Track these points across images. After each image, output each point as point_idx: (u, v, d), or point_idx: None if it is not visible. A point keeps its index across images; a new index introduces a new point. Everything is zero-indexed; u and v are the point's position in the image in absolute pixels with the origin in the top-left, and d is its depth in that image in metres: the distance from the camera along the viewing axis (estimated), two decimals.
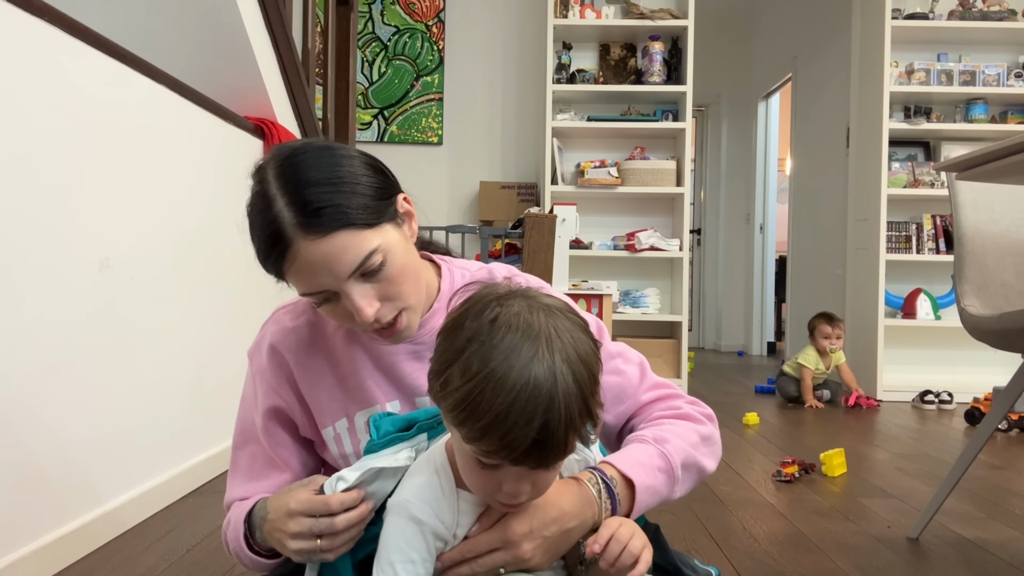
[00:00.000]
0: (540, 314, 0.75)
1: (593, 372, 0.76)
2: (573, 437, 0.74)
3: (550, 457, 0.74)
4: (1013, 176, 1.58)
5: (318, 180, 0.86)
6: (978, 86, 4.10)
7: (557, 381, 0.71)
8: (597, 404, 0.76)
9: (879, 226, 4.06)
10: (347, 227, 0.86)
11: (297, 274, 0.88)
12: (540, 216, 3.02)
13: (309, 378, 1.02)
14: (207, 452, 2.17)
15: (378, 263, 0.88)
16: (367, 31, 4.87)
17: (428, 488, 0.83)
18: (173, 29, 2.37)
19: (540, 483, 0.79)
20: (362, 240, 0.87)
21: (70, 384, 1.54)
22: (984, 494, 2.17)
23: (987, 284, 1.76)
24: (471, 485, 0.81)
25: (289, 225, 0.85)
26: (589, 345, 0.76)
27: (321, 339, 1.03)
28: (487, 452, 0.73)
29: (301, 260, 0.86)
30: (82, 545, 1.56)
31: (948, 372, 4.14)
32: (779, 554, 1.64)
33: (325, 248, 0.85)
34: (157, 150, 1.92)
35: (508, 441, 0.71)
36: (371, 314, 0.88)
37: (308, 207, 0.85)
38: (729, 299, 6.94)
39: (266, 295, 1.13)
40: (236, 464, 1.07)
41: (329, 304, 0.91)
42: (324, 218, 0.85)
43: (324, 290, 0.89)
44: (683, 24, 4.20)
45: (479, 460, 0.75)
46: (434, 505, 0.82)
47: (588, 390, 0.74)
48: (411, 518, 0.81)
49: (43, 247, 1.46)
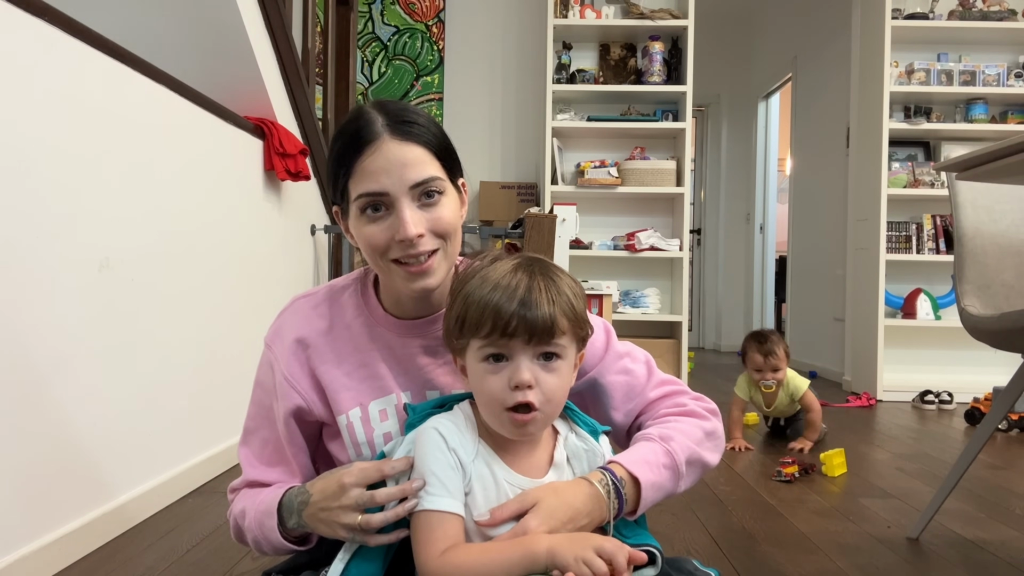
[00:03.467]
0: (519, 258, 0.93)
1: (574, 282, 0.93)
2: (558, 309, 0.88)
3: (539, 328, 0.86)
4: (1013, 176, 1.58)
5: (416, 111, 0.99)
6: (978, 86, 4.10)
7: (535, 271, 0.90)
8: (578, 297, 0.91)
9: (879, 226, 4.06)
10: (427, 147, 0.97)
11: (367, 171, 0.95)
12: (540, 216, 3.02)
13: (327, 366, 1.04)
14: (207, 452, 2.17)
15: (437, 192, 0.97)
16: (367, 31, 4.87)
17: (452, 423, 0.93)
18: (173, 29, 2.37)
19: (545, 384, 0.88)
20: (433, 165, 0.97)
21: (70, 384, 1.54)
22: (984, 494, 2.17)
23: (987, 284, 1.76)
24: (486, 398, 0.89)
25: (380, 125, 0.96)
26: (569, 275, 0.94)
27: (340, 328, 1.06)
28: (487, 336, 0.87)
29: (378, 156, 0.94)
30: (82, 545, 1.56)
31: (948, 372, 4.13)
32: (779, 554, 1.64)
33: (403, 152, 0.95)
34: (157, 150, 1.92)
35: (497, 312, 0.86)
36: (414, 231, 0.94)
37: (401, 118, 0.97)
38: (729, 299, 6.94)
39: (266, 295, 1.14)
40: (248, 446, 1.10)
41: (377, 216, 0.96)
42: (412, 129, 0.96)
43: (384, 193, 0.95)
44: (683, 24, 4.20)
45: (485, 359, 0.88)
46: (457, 435, 0.91)
47: (564, 282, 0.91)
48: (439, 434, 0.90)
49: (43, 247, 1.46)
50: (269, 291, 2.68)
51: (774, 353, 2.71)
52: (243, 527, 1.05)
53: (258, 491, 1.05)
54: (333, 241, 3.43)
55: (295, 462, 1.06)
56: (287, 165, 2.65)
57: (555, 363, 0.90)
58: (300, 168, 2.70)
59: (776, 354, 2.71)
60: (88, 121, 1.61)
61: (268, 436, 1.07)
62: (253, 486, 1.08)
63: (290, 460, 1.06)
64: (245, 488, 1.08)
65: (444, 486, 0.88)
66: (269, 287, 2.68)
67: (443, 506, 0.87)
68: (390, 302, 1.06)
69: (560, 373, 0.90)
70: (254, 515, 1.02)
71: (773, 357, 2.71)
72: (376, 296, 1.08)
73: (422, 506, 0.87)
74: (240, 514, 1.05)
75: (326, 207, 3.39)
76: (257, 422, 1.09)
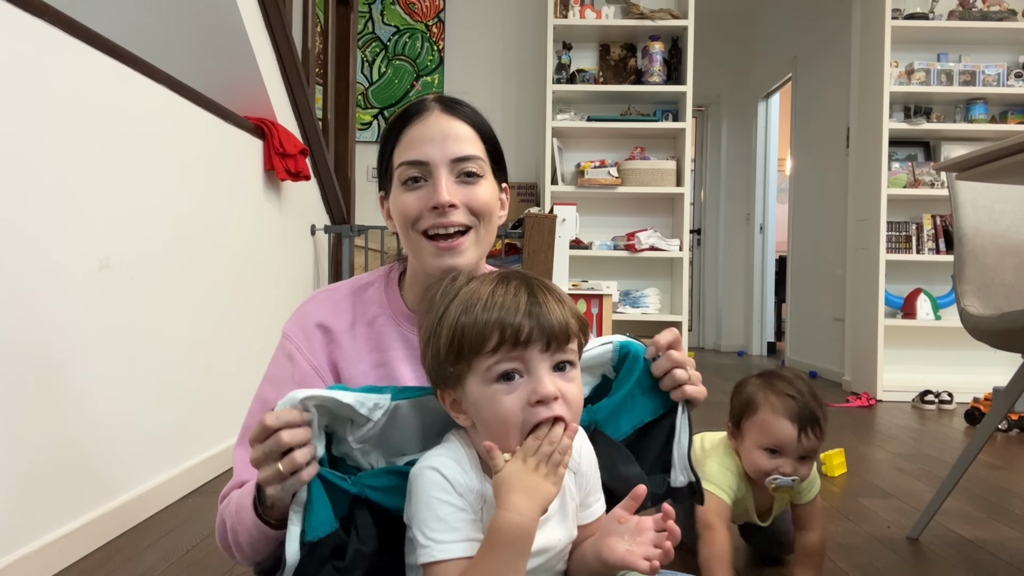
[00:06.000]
0: (499, 274, 0.86)
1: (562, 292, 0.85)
2: (567, 311, 0.81)
3: (555, 331, 0.79)
4: (1013, 176, 1.58)
5: (471, 106, 1.02)
6: (978, 86, 4.10)
7: (528, 280, 0.83)
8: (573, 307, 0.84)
9: (879, 226, 4.06)
10: (474, 128, 1.00)
11: (413, 138, 0.98)
12: (540, 216, 3.02)
13: (347, 359, 1.03)
14: (207, 452, 2.17)
15: (477, 173, 0.98)
16: (367, 31, 4.87)
17: (454, 461, 0.83)
18: (173, 29, 2.37)
19: (569, 394, 0.80)
20: (477, 146, 0.99)
21: (70, 384, 1.54)
22: (984, 494, 2.17)
23: (987, 284, 1.76)
24: (501, 427, 0.79)
25: (431, 100, 1.01)
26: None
27: (361, 325, 1.04)
28: (494, 351, 0.78)
29: (425, 126, 0.97)
30: (82, 545, 1.56)
31: (948, 372, 4.13)
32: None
33: (449, 125, 0.98)
34: (157, 150, 1.92)
35: (503, 322, 0.78)
36: (447, 197, 0.95)
37: (453, 99, 1.01)
38: (729, 299, 6.94)
39: (266, 294, 1.14)
40: (246, 447, 0.99)
41: (416, 187, 0.97)
42: (462, 108, 1.01)
43: (425, 162, 0.96)
44: (683, 24, 4.20)
45: (496, 380, 0.79)
46: (462, 477, 0.82)
47: (558, 289, 0.84)
48: (441, 476, 0.81)
49: (43, 247, 1.46)
50: (269, 291, 2.67)
51: (817, 426, 1.35)
52: (226, 522, 0.98)
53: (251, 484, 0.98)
54: (333, 241, 3.43)
55: None
56: (287, 165, 2.65)
57: (571, 372, 0.82)
58: (300, 168, 2.70)
59: (819, 426, 1.36)
60: (88, 121, 1.61)
61: None
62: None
63: None
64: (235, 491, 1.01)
65: (455, 530, 0.79)
66: (269, 287, 2.68)
67: (452, 554, 0.78)
68: (415, 300, 1.04)
69: (577, 383, 0.83)
70: (236, 502, 0.96)
71: (815, 432, 1.35)
72: (400, 294, 1.06)
73: (432, 557, 0.78)
74: (225, 508, 0.99)
75: (326, 207, 3.39)
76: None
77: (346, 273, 3.25)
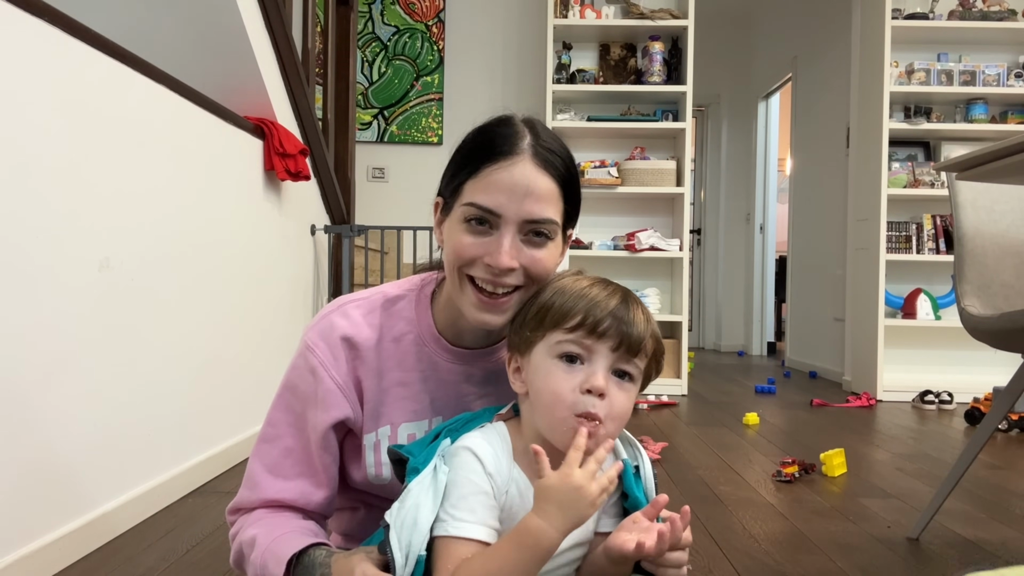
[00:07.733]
0: (598, 278, 0.91)
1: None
2: (651, 333, 0.86)
3: (631, 339, 0.83)
4: (1013, 176, 1.58)
5: (561, 143, 0.95)
6: (978, 86, 4.10)
7: (625, 290, 0.88)
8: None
9: (879, 226, 4.06)
10: (559, 186, 0.92)
11: (492, 182, 0.90)
12: None
13: (370, 375, 1.00)
14: (207, 452, 2.17)
15: (547, 235, 0.92)
16: (367, 31, 4.87)
17: (488, 443, 0.86)
18: (173, 29, 2.37)
19: (616, 400, 0.84)
20: (556, 208, 0.92)
21: (70, 384, 1.54)
22: (984, 494, 2.17)
23: (987, 284, 1.76)
24: (551, 397, 0.84)
25: (527, 143, 0.92)
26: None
27: (387, 341, 1.01)
28: (573, 329, 0.83)
29: (510, 173, 0.90)
30: (82, 545, 1.56)
31: (948, 372, 4.13)
32: (779, 554, 1.63)
33: (535, 180, 0.90)
34: (157, 150, 1.92)
35: (594, 305, 0.83)
36: (508, 262, 0.89)
37: (548, 146, 0.93)
38: (729, 299, 6.94)
39: (266, 295, 1.13)
40: (264, 458, 1.01)
41: (479, 230, 0.91)
42: (553, 162, 0.92)
43: (494, 211, 0.90)
44: (683, 24, 4.20)
45: (559, 357, 0.84)
46: (493, 459, 0.85)
47: (648, 312, 0.88)
48: (475, 456, 0.84)
49: (43, 247, 1.46)
50: (269, 291, 2.67)
51: None
52: (247, 558, 0.96)
53: (274, 521, 0.97)
54: (333, 241, 3.43)
55: (325, 473, 1.00)
56: (287, 165, 2.65)
57: (628, 384, 0.86)
58: (300, 168, 2.70)
59: None
60: (88, 121, 1.61)
61: (293, 445, 1.00)
62: (268, 506, 1.00)
63: (318, 470, 0.99)
64: (259, 510, 1.00)
65: (472, 511, 0.82)
66: (269, 287, 2.68)
67: (466, 532, 0.81)
68: (445, 323, 1.01)
69: (631, 396, 0.86)
70: (263, 552, 0.93)
71: None
72: (431, 313, 1.02)
73: (446, 531, 0.81)
74: (248, 542, 0.96)
75: (326, 207, 3.39)
76: (281, 430, 1.01)
77: (346, 273, 3.25)
